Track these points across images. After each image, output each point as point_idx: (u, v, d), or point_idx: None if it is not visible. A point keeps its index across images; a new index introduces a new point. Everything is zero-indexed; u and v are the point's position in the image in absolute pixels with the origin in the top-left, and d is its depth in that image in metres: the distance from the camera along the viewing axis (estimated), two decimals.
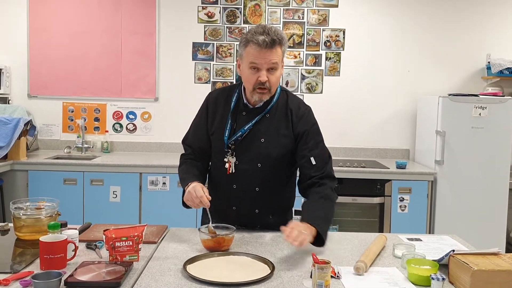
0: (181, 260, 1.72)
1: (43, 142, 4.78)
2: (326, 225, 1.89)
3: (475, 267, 1.46)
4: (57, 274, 1.42)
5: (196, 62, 4.76)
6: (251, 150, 2.04)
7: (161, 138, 4.81)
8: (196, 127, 2.18)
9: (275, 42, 1.90)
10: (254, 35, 1.90)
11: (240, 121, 2.06)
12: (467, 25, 4.73)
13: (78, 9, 4.68)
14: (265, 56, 1.91)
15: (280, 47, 1.94)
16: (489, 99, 4.11)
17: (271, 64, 1.93)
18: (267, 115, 2.06)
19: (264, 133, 2.04)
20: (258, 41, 1.89)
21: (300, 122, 2.05)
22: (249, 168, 2.05)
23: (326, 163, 2.05)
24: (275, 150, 2.04)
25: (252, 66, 1.94)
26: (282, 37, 1.93)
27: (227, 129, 2.06)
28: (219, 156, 2.09)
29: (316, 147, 2.04)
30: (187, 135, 2.23)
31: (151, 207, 4.06)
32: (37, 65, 4.73)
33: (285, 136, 2.04)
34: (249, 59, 1.94)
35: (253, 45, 1.91)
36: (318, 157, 2.03)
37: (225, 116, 2.08)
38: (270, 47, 1.89)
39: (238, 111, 2.08)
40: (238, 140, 2.05)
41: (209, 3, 4.70)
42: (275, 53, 1.92)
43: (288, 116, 2.06)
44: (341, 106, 4.77)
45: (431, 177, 4.11)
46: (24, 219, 1.91)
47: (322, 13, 4.72)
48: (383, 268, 1.72)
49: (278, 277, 1.59)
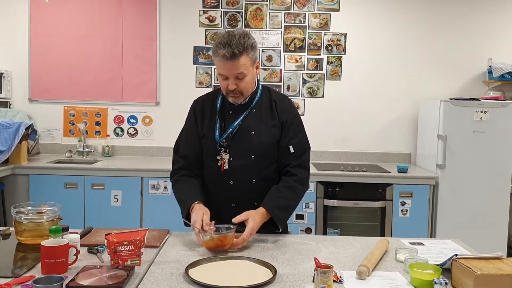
0: (183, 264, 1.71)
1: (44, 146, 4.79)
2: (284, 214, 2.08)
3: (478, 272, 1.45)
4: (59, 278, 1.42)
5: (197, 66, 4.77)
6: (243, 144, 2.11)
7: (162, 142, 4.80)
8: (187, 135, 2.22)
9: (235, 55, 1.94)
10: (218, 47, 1.96)
11: (229, 119, 2.14)
12: (468, 29, 4.74)
13: (79, 14, 4.70)
14: (229, 68, 1.98)
15: (245, 56, 1.98)
16: (490, 103, 4.10)
17: (236, 74, 1.99)
18: (253, 110, 2.15)
19: (253, 126, 2.12)
20: (220, 55, 1.95)
21: (283, 112, 2.16)
22: (243, 162, 2.10)
23: (304, 152, 2.17)
24: (266, 141, 2.12)
25: (220, 75, 2.04)
26: (245, 46, 1.96)
27: (217, 129, 2.13)
28: (212, 156, 2.14)
29: (296, 136, 2.16)
30: (178, 145, 2.25)
31: (153, 211, 4.05)
32: (38, 70, 4.73)
33: (273, 126, 2.14)
34: (217, 69, 2.05)
35: (217, 57, 1.98)
36: (296, 146, 2.14)
37: (213, 117, 2.16)
38: (232, 59, 1.95)
39: (225, 110, 2.16)
40: (229, 137, 2.11)
41: (210, 7, 4.72)
42: (239, 64, 1.97)
43: (273, 107, 2.17)
44: (342, 110, 4.77)
45: (432, 181, 4.10)
46: (26, 224, 1.90)
47: (323, 17, 4.72)
48: (385, 272, 1.71)
49: (280, 281, 1.58)
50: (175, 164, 2.23)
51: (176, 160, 2.23)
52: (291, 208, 2.13)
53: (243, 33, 2.01)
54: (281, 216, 2.05)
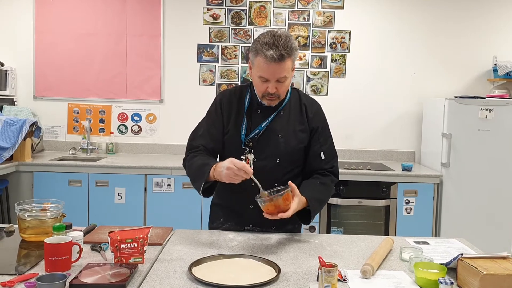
0: (186, 262, 1.71)
1: (48, 143, 4.79)
2: (319, 208, 2.03)
3: (484, 271, 1.44)
4: (62, 276, 1.42)
5: (201, 64, 4.76)
6: (270, 147, 2.06)
7: (166, 139, 4.81)
8: (210, 126, 2.12)
9: (283, 57, 1.87)
10: (263, 47, 1.88)
11: (256, 119, 2.08)
12: (473, 27, 4.71)
13: (83, 11, 4.70)
14: (274, 71, 1.90)
15: (290, 59, 1.91)
16: (495, 101, 4.08)
17: (280, 77, 1.93)
18: (282, 112, 2.09)
19: (281, 129, 2.07)
20: (266, 56, 1.87)
21: (314, 117, 2.12)
22: (267, 164, 2.05)
23: (335, 160, 2.16)
24: (293, 145, 2.07)
25: (260, 77, 1.95)
26: (292, 48, 1.90)
27: (243, 127, 2.06)
28: (235, 155, 2.01)
29: (326, 143, 2.14)
30: (194, 135, 2.15)
31: (156, 209, 4.06)
32: (42, 67, 4.74)
33: (301, 131, 2.09)
34: (258, 71, 1.94)
35: (262, 58, 1.89)
36: (327, 152, 2.12)
37: (240, 115, 2.09)
38: (279, 61, 1.87)
39: (252, 109, 2.10)
40: (256, 138, 2.06)
41: (214, 4, 4.70)
42: (284, 67, 1.90)
43: (303, 112, 2.11)
44: (346, 108, 4.75)
45: (437, 179, 4.09)
46: (29, 221, 1.90)
47: (327, 15, 4.71)
48: (390, 271, 1.70)
49: (284, 280, 1.58)
50: (190, 149, 2.12)
51: (192, 146, 2.12)
52: (324, 204, 2.10)
53: (287, 34, 1.93)
54: (317, 208, 2.00)
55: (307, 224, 2.04)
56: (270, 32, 1.93)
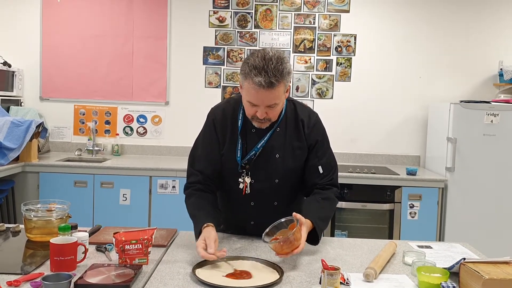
0: (190, 264, 1.72)
1: (54, 144, 4.82)
2: (325, 225, 1.95)
3: (486, 276, 1.44)
4: (67, 276, 1.43)
5: (207, 67, 4.78)
6: (267, 168, 1.98)
7: (171, 141, 4.82)
8: (207, 150, 2.02)
9: (273, 84, 1.74)
10: (252, 72, 1.74)
11: (251, 139, 1.98)
12: (479, 31, 4.70)
13: (90, 13, 4.73)
14: (263, 98, 1.78)
15: (281, 84, 1.78)
16: (501, 106, 4.07)
17: (269, 104, 1.81)
18: (277, 129, 1.98)
19: (278, 148, 1.98)
20: (254, 82, 1.74)
21: (312, 132, 2.02)
22: (266, 185, 1.99)
23: (333, 172, 2.07)
24: (291, 164, 2.00)
25: (249, 102, 1.83)
26: (283, 74, 1.76)
27: (238, 149, 1.97)
28: (233, 177, 1.99)
29: (324, 156, 2.05)
30: (193, 158, 2.05)
31: (161, 211, 4.07)
32: (49, 68, 4.77)
33: (299, 148, 2.01)
34: (246, 95, 1.83)
35: (250, 84, 1.77)
36: (325, 165, 2.03)
37: (234, 135, 1.98)
38: (268, 88, 1.74)
39: (247, 129, 1.98)
40: (252, 159, 1.97)
41: (220, 7, 4.72)
42: (274, 94, 1.78)
43: (299, 127, 2.01)
44: (351, 111, 4.75)
45: (441, 184, 4.08)
46: (35, 221, 1.92)
47: (333, 18, 4.71)
48: (393, 275, 1.70)
49: (287, 283, 1.58)
50: (190, 177, 2.03)
51: (192, 173, 2.03)
52: (329, 219, 2.01)
53: (279, 56, 1.77)
54: (323, 227, 1.91)
55: (315, 245, 1.90)
56: (261, 53, 1.78)
